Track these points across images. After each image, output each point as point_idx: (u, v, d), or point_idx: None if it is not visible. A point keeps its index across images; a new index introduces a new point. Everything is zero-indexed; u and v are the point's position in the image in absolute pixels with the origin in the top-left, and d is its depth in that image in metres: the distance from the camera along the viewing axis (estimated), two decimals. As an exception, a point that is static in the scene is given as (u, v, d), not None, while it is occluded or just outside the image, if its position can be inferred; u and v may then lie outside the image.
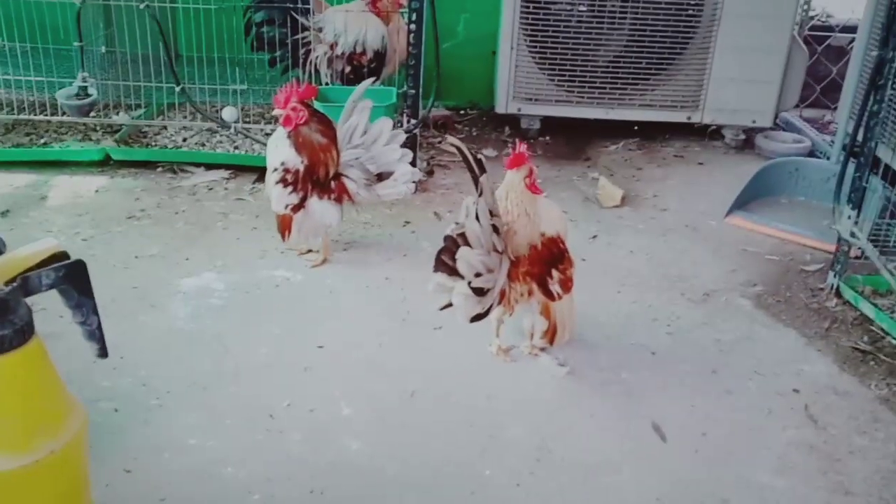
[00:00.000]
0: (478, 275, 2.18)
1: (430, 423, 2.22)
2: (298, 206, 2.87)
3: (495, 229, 2.20)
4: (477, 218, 2.15)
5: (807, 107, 4.84)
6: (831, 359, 2.59)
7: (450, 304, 2.23)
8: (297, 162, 2.83)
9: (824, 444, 2.21)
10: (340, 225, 3.00)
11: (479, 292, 2.21)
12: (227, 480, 1.98)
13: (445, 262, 2.17)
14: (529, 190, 2.33)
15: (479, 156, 2.20)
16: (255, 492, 1.95)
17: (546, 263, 2.34)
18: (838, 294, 2.93)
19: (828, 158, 3.96)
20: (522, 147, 2.34)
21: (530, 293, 2.36)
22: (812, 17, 4.86)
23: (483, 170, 2.16)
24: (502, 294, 2.30)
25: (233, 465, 2.02)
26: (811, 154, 4.28)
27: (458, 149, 2.17)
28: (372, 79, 3.11)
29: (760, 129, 4.47)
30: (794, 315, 2.84)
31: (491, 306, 2.27)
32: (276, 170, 2.86)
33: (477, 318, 2.25)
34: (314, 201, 2.87)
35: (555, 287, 2.35)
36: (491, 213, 2.18)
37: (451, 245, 2.17)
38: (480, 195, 2.16)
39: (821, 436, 2.24)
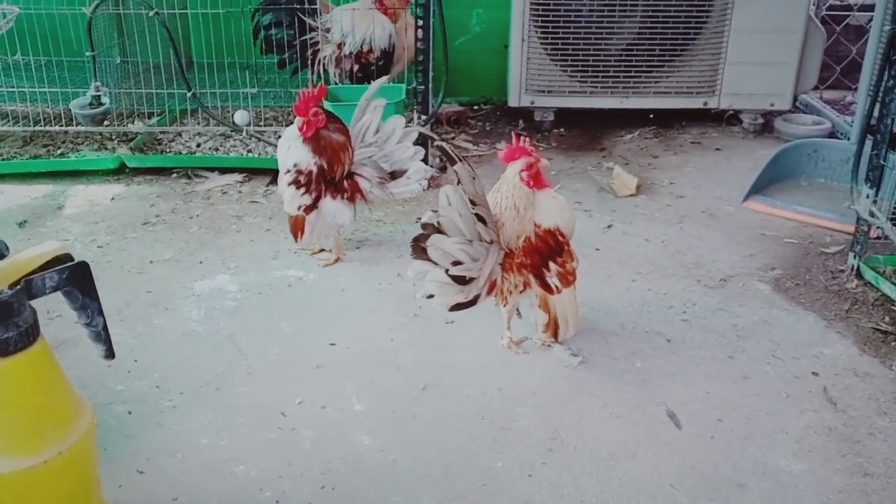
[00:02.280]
0: (456, 263, 2.17)
1: (442, 416, 2.21)
2: (311, 207, 2.87)
3: (480, 218, 2.18)
4: (451, 204, 2.14)
5: (827, 88, 4.76)
6: (851, 340, 2.54)
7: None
8: (310, 163, 2.83)
9: (843, 427, 2.16)
10: (353, 224, 3.00)
11: (461, 281, 2.19)
12: (239, 478, 1.98)
13: (422, 248, 2.16)
14: (529, 183, 2.29)
15: (443, 143, 2.20)
16: (267, 489, 1.95)
17: (542, 256, 2.30)
18: (859, 275, 2.87)
19: (848, 139, 3.89)
20: (525, 141, 2.31)
21: (526, 285, 2.33)
22: (829, -3, 4.78)
23: (459, 158, 2.15)
24: (493, 284, 2.27)
25: (245, 464, 2.03)
26: (832, 136, 4.21)
27: (429, 137, 2.18)
28: (385, 77, 3.10)
29: (779, 112, 4.41)
30: (814, 298, 2.78)
31: (478, 296, 2.25)
32: (288, 171, 2.86)
33: (459, 307, 2.23)
34: (327, 201, 2.87)
35: (553, 280, 2.31)
36: (473, 202, 2.16)
37: (431, 231, 2.16)
38: (458, 183, 2.15)
39: (840, 418, 2.19)
